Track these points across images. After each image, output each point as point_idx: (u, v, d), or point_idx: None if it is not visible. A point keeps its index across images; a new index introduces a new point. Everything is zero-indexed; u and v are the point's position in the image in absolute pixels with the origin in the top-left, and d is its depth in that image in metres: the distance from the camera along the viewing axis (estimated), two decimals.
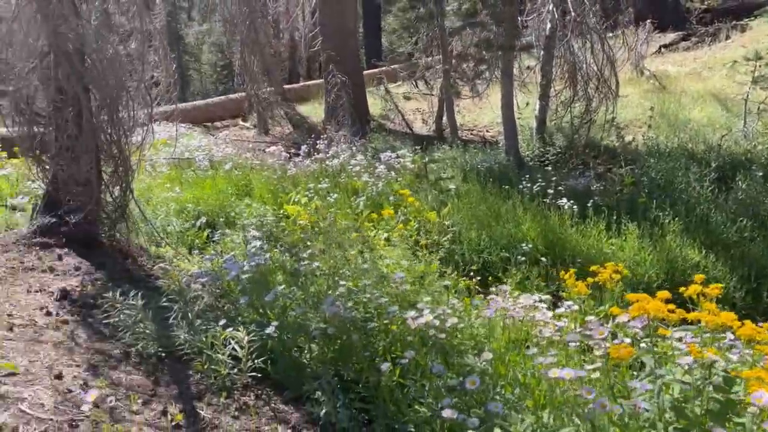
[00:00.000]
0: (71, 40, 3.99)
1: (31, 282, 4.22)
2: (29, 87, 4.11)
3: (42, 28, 3.78)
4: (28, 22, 3.77)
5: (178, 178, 8.21)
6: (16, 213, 6.81)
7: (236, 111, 14.13)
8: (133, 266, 5.02)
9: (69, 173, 4.35)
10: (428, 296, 3.01)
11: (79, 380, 2.91)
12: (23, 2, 3.64)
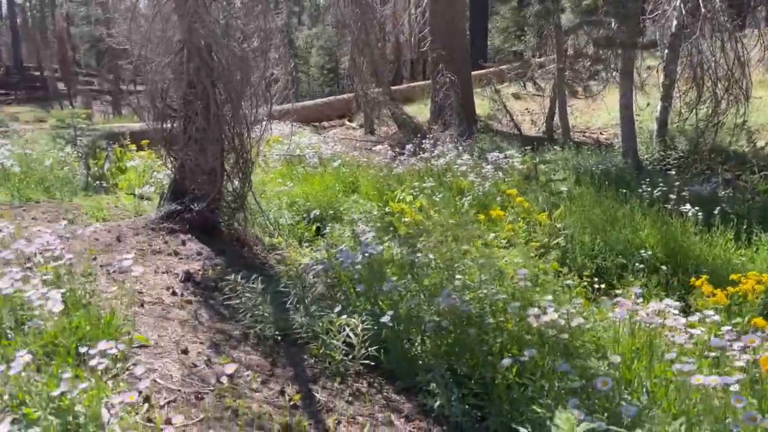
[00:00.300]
0: (203, 36, 4.21)
1: (158, 264, 4.51)
2: (164, 81, 4.39)
3: (178, 25, 4.03)
4: (165, 19, 4.03)
5: (289, 174, 8.50)
6: (143, 201, 7.35)
7: (343, 111, 14.48)
8: (248, 254, 5.25)
9: (196, 163, 4.60)
10: (549, 295, 2.90)
11: (203, 356, 3.06)
12: (162, 2, 3.90)
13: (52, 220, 5.55)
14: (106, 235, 4.80)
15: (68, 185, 7.09)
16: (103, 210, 6.15)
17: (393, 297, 3.13)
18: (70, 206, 6.20)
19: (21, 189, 6.40)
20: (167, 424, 2.25)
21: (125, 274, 4.18)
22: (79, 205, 6.30)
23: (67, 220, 5.55)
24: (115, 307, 3.16)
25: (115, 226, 5.09)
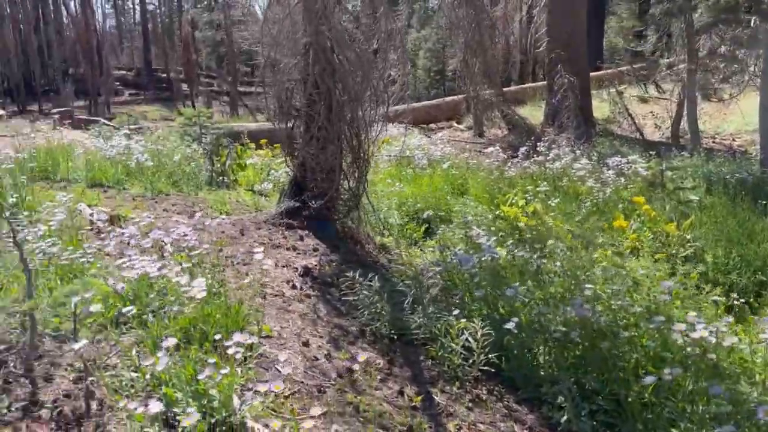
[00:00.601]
0: (328, 38, 4.31)
1: (278, 257, 4.66)
2: (290, 83, 4.54)
3: (306, 27, 4.14)
4: (294, 22, 4.16)
5: (398, 175, 8.55)
6: (261, 197, 7.66)
7: (451, 113, 14.40)
8: (361, 252, 5.32)
9: (316, 162, 4.72)
10: (692, 310, 2.69)
11: (323, 350, 3.12)
12: (294, 2, 4.03)
13: (180, 212, 5.92)
14: (230, 228, 5.03)
15: (194, 180, 7.53)
16: (226, 204, 6.47)
17: (514, 303, 3.04)
18: (197, 200, 6.58)
19: (153, 182, 6.86)
20: (306, 416, 2.30)
21: (248, 266, 4.37)
22: (204, 198, 6.68)
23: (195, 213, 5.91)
24: (242, 297, 3.29)
25: (238, 220, 5.34)
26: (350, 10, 4.84)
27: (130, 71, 46.40)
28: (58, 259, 3.23)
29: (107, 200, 6.07)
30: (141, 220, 4.36)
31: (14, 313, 2.68)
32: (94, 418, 2.20)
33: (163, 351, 2.10)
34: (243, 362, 2.72)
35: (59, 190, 6.20)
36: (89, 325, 2.83)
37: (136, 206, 5.88)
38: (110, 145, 7.59)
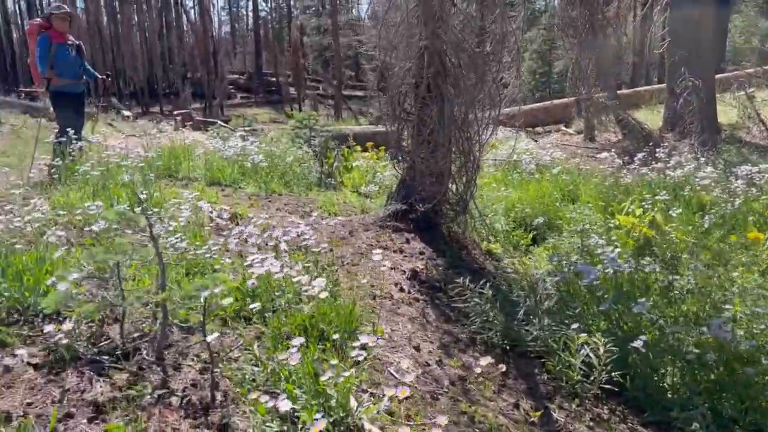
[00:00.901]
0: (444, 41, 4.28)
1: (386, 260, 4.70)
2: (404, 86, 4.55)
3: (422, 31, 4.14)
4: (411, 25, 4.16)
5: (504, 179, 8.38)
6: (366, 199, 7.76)
7: (559, 116, 13.95)
8: (467, 257, 5.24)
9: (425, 165, 4.70)
10: None
11: (435, 356, 3.08)
12: (411, 4, 4.03)
13: (292, 212, 6.11)
14: (340, 229, 5.13)
15: (303, 180, 7.76)
16: (334, 205, 6.61)
17: (641, 320, 2.86)
18: (307, 200, 6.77)
19: (267, 182, 7.14)
20: (428, 423, 2.29)
21: (357, 266, 4.43)
22: (313, 199, 6.86)
23: (308, 213, 6.08)
24: (354, 298, 3.32)
25: (347, 221, 5.43)
26: (465, 13, 4.77)
27: (242, 75, 48.80)
28: (186, 254, 3.41)
29: (224, 198, 6.37)
30: (258, 219, 4.54)
31: (147, 303, 2.85)
32: (219, 409, 2.29)
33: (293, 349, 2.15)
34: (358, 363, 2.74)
35: (182, 187, 6.59)
36: (213, 318, 2.97)
37: (251, 205, 6.13)
38: (228, 146, 7.97)
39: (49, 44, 6.52)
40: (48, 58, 6.48)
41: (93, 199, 4.98)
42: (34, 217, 3.32)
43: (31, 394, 2.26)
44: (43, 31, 6.59)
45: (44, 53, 6.49)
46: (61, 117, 6.81)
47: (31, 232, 3.46)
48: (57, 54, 6.57)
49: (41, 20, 6.77)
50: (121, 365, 2.51)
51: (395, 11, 4.25)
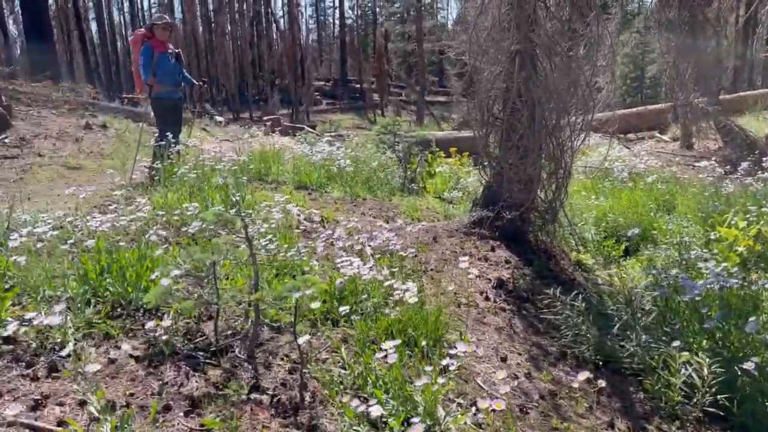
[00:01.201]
0: (536, 45, 4.17)
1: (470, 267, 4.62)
2: (494, 91, 4.48)
3: (514, 34, 4.05)
4: (503, 29, 4.09)
5: (595, 187, 8.08)
6: (449, 204, 7.70)
7: (652, 122, 13.32)
8: (555, 267, 5.08)
9: (514, 171, 4.60)
10: None
11: (523, 369, 3.00)
12: (503, 8, 3.96)
13: (376, 216, 6.15)
14: (424, 235, 5.10)
15: (387, 185, 7.80)
16: (417, 211, 6.60)
17: (752, 340, 2.65)
18: (390, 205, 6.80)
19: (352, 187, 7.23)
20: None
21: (441, 273, 4.39)
22: (397, 204, 6.87)
23: (390, 218, 6.10)
24: (440, 305, 3.28)
25: (431, 227, 5.39)
26: (558, 16, 4.63)
27: (328, 82, 49.89)
28: (276, 256, 3.50)
29: (311, 202, 6.49)
30: (346, 223, 4.59)
31: (241, 302, 2.93)
32: (307, 410, 2.32)
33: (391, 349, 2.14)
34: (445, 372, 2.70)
35: (271, 190, 6.78)
36: (302, 319, 3.02)
37: (337, 208, 6.22)
38: (315, 150, 8.14)
39: (151, 53, 6.89)
40: (150, 66, 6.86)
41: (189, 200, 5.21)
42: (137, 216, 3.50)
43: (133, 386, 2.37)
44: (146, 41, 6.98)
45: (147, 61, 6.87)
46: (160, 122, 7.18)
47: (133, 230, 3.65)
48: (158, 62, 6.94)
49: (144, 30, 7.17)
50: (215, 362, 2.59)
51: (486, 15, 4.19)
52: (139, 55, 6.95)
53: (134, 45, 7.24)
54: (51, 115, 11.62)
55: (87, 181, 7.06)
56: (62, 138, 9.13)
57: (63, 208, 4.85)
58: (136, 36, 7.22)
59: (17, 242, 3.03)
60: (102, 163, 8.15)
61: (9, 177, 6.65)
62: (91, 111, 12.79)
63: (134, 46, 7.24)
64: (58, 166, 7.40)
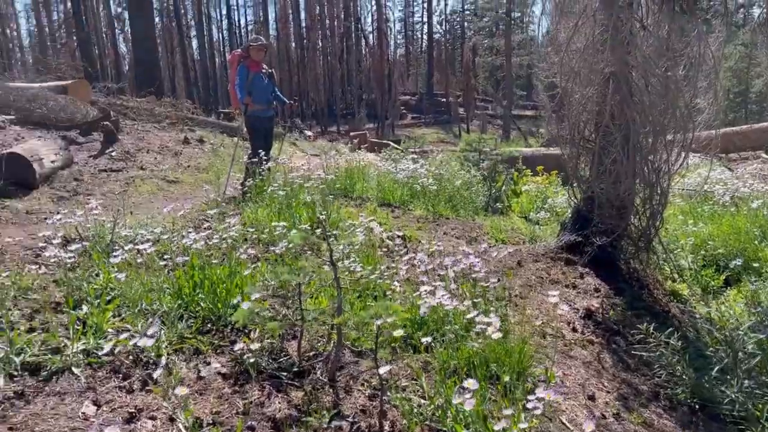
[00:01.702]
0: (631, 67, 4.01)
1: (557, 295, 4.47)
2: (585, 113, 4.34)
3: (608, 56, 3.91)
4: (596, 51, 3.96)
5: (692, 212, 7.64)
6: (535, 226, 7.51)
7: (758, 142, 12.46)
8: (648, 297, 4.82)
9: (606, 197, 4.42)
10: None
11: (612, 408, 2.86)
12: (597, 29, 3.84)
13: (459, 236, 6.09)
14: (508, 258, 5.00)
15: (471, 204, 7.73)
16: (502, 232, 6.49)
17: None
18: (474, 225, 6.72)
19: (435, 205, 7.21)
20: None
21: (526, 300, 4.27)
22: (481, 224, 6.79)
23: (473, 239, 6.02)
24: (524, 335, 3.19)
25: (516, 251, 5.28)
26: (656, 35, 4.43)
27: (413, 96, 50.27)
28: (359, 278, 3.53)
29: (394, 220, 6.53)
30: (428, 244, 4.57)
31: (323, 323, 2.98)
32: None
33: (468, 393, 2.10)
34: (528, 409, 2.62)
35: (355, 207, 6.89)
36: (383, 345, 3.02)
37: (419, 228, 6.22)
38: (399, 168, 8.19)
39: (247, 73, 7.20)
40: (245, 86, 7.16)
41: (278, 217, 5.37)
42: (229, 235, 3.64)
43: (219, 403, 2.45)
44: (242, 61, 7.29)
45: (243, 81, 7.18)
46: (253, 138, 7.47)
47: (225, 247, 3.79)
48: (253, 81, 7.23)
49: (241, 51, 7.49)
50: (297, 383, 2.64)
51: (579, 36, 4.07)
52: (236, 75, 7.26)
53: (231, 64, 7.59)
54: (153, 129, 12.37)
55: (184, 195, 7.44)
56: (163, 152, 9.68)
57: (161, 222, 5.14)
58: (233, 56, 7.56)
59: (118, 259, 3.22)
60: (198, 177, 8.57)
61: (114, 189, 7.11)
62: (189, 125, 13.51)
63: (231, 66, 7.59)
64: (158, 179, 7.85)
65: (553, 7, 3.98)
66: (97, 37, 42.20)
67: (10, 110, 10.94)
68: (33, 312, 3.28)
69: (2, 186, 6.22)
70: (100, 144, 9.22)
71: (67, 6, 39.58)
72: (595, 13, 3.89)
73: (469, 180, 8.24)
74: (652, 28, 4.58)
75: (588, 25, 3.91)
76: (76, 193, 6.72)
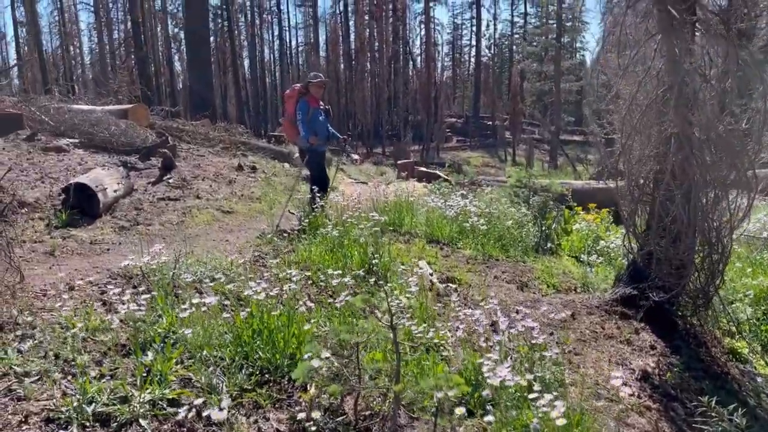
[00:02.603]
0: (695, 127, 3.97)
1: (612, 351, 4.39)
2: (643, 170, 4.30)
3: (672, 116, 3.88)
4: (659, 111, 3.93)
5: (752, 262, 7.40)
6: (588, 268, 7.39)
7: None
8: (706, 356, 4.70)
9: (665, 254, 4.35)
10: None
11: None
12: (660, 90, 3.82)
13: (510, 281, 6.05)
14: (561, 310, 4.94)
15: (521, 243, 7.66)
16: (553, 276, 6.41)
17: None
18: (524, 267, 6.66)
19: (484, 244, 7.19)
20: None
21: (580, 356, 4.22)
22: (531, 267, 6.73)
23: (524, 284, 5.98)
24: (580, 400, 3.16)
25: (569, 301, 5.22)
26: (719, 89, 4.37)
27: (460, 119, 50.35)
28: (414, 335, 3.56)
29: (443, 259, 6.54)
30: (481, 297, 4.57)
31: (382, 387, 3.01)
32: None
33: None
34: None
35: (404, 242, 6.93)
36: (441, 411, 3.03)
37: (469, 270, 6.22)
38: (448, 204, 8.22)
39: (308, 109, 7.35)
40: (306, 121, 7.32)
41: (331, 256, 5.46)
42: (289, 288, 3.72)
43: None
44: (301, 97, 7.44)
45: (305, 116, 7.33)
46: (313, 171, 7.60)
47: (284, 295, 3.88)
48: (312, 116, 7.39)
49: (300, 86, 7.64)
50: None
51: (642, 94, 4.05)
52: (297, 111, 7.40)
53: (289, 99, 7.72)
54: (208, 153, 12.75)
55: (239, 226, 7.63)
56: (217, 179, 9.96)
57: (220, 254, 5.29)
58: (293, 91, 7.68)
59: (186, 313, 3.33)
60: (251, 207, 8.77)
61: (172, 219, 7.35)
62: (242, 150, 13.87)
63: (289, 100, 7.72)
64: (213, 209, 8.07)
65: (615, 66, 3.97)
66: (154, 55, 43.83)
67: (75, 133, 11.46)
68: (101, 355, 3.41)
69: (69, 215, 6.51)
70: (158, 170, 9.55)
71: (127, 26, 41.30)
72: (659, 74, 3.87)
73: (520, 219, 8.18)
74: (715, 81, 4.52)
75: (652, 85, 3.89)
76: (137, 223, 6.97)
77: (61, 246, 5.89)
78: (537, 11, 52.02)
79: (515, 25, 56.25)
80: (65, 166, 9.02)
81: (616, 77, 4.13)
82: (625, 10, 3.74)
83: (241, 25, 49.75)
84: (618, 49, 3.83)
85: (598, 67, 4.37)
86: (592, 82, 34.41)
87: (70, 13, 49.42)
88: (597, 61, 31.24)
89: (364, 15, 45.72)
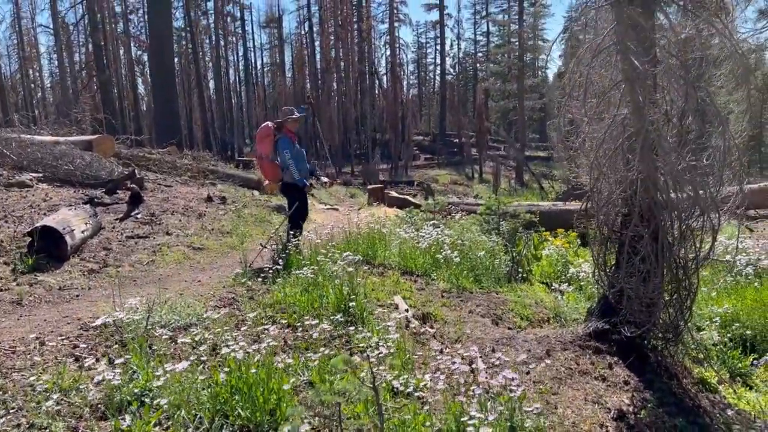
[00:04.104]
0: (661, 174, 4.10)
1: (587, 389, 4.47)
2: (611, 212, 4.42)
3: (637, 163, 4.01)
4: (625, 161, 4.06)
5: (713, 282, 7.62)
6: (559, 296, 7.51)
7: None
8: (677, 389, 4.82)
9: (635, 293, 4.46)
10: None
11: None
12: (624, 137, 3.95)
13: (485, 315, 6.11)
14: (536, 347, 5.02)
15: (493, 272, 7.75)
16: (526, 307, 6.51)
17: None
18: (498, 299, 6.74)
19: (458, 275, 7.25)
20: None
21: (557, 396, 4.28)
22: (505, 299, 6.80)
23: (498, 317, 6.05)
24: None
25: (543, 338, 5.29)
26: (680, 128, 4.53)
27: (426, 137, 50.82)
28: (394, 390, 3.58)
29: (418, 293, 6.57)
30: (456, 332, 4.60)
31: None
32: None
33: None
34: None
35: (378, 275, 6.94)
36: None
37: (444, 304, 6.26)
38: (420, 235, 8.28)
39: (293, 146, 7.26)
40: (293, 157, 7.20)
41: (306, 297, 5.44)
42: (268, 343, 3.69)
43: None
44: (277, 134, 7.31)
45: (293, 153, 7.24)
46: (292, 208, 7.43)
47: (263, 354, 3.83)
48: (298, 154, 7.32)
49: (272, 124, 7.48)
50: None
51: (609, 142, 4.18)
52: (280, 150, 7.28)
53: (264, 138, 7.47)
54: (176, 183, 12.60)
55: (210, 264, 7.54)
56: (187, 213, 9.84)
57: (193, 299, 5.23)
58: (267, 129, 7.48)
59: (161, 381, 3.30)
60: (223, 242, 8.69)
61: (142, 259, 7.23)
62: (210, 179, 13.75)
63: (264, 139, 7.47)
64: (184, 246, 7.97)
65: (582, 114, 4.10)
66: (117, 79, 43.23)
67: (38, 167, 11.22)
68: (77, 419, 3.34)
69: (35, 260, 6.36)
70: (125, 205, 9.40)
71: (88, 48, 40.70)
72: (624, 120, 4.00)
73: (491, 248, 8.28)
74: (675, 119, 4.69)
75: (618, 131, 4.02)
76: (106, 265, 6.84)
77: (28, 293, 5.75)
78: (499, 30, 53.01)
79: (478, 44, 57.29)
80: (29, 203, 8.82)
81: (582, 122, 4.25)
82: (590, 61, 3.87)
83: (206, 47, 49.49)
84: (584, 97, 3.95)
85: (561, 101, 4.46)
86: (554, 98, 35.22)
87: (29, 36, 48.52)
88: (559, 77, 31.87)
89: (329, 35, 45.99)
